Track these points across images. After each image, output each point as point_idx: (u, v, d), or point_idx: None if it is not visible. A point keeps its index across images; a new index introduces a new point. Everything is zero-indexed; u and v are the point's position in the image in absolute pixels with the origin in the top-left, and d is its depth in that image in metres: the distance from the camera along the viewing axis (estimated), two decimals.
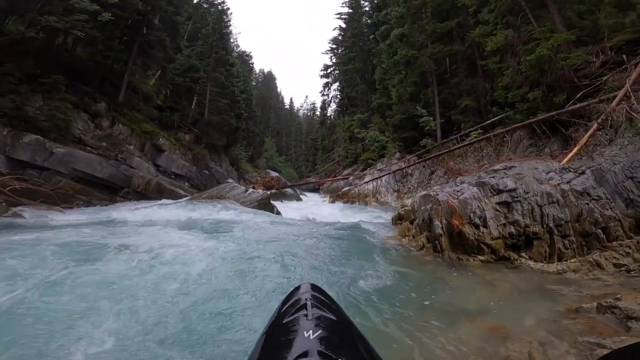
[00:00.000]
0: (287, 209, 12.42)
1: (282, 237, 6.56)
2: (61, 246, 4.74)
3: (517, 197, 4.93)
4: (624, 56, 8.09)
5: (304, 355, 0.52)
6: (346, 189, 19.53)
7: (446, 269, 4.58)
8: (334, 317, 0.71)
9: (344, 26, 37.92)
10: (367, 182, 17.26)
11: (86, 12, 10.49)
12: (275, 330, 0.70)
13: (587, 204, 4.61)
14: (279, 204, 12.76)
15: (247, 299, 3.38)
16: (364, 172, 20.94)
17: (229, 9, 33.86)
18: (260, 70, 68.85)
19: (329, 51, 41.93)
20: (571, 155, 6.72)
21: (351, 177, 22.22)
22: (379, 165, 20.02)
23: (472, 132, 12.45)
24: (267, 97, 63.87)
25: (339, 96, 38.59)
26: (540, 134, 9.19)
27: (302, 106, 78.94)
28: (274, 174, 30.38)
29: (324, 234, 7.16)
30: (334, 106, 43.07)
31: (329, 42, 41.85)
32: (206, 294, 3.44)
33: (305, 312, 0.71)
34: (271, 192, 17.21)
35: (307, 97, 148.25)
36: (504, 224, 4.81)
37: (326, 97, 43.17)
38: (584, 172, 5.05)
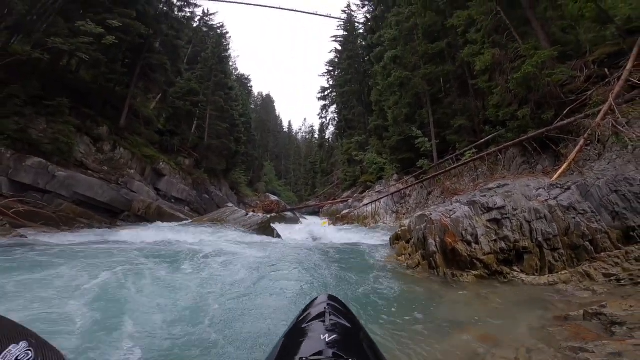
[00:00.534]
0: (288, 232, 12.49)
1: (283, 259, 6.70)
2: (89, 263, 4.94)
3: (506, 214, 5.11)
4: (606, 70, 8.11)
5: (319, 354, 0.59)
6: (346, 211, 19.55)
7: (441, 284, 4.68)
8: (349, 325, 0.78)
9: (339, 48, 38.19)
10: (366, 205, 17.38)
11: (91, 35, 10.62)
12: (293, 333, 0.76)
13: (574, 218, 4.77)
14: (279, 227, 12.82)
15: (263, 313, 3.61)
16: (363, 195, 21.11)
17: (227, 32, 35.34)
18: (259, 93, 69.81)
19: (325, 73, 42.28)
20: (561, 171, 6.79)
21: (350, 200, 22.34)
22: (378, 187, 20.23)
23: (467, 152, 12.62)
24: (266, 120, 64.64)
25: (336, 118, 38.58)
26: (532, 151, 9.23)
27: (301, 129, 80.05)
28: (273, 197, 30.48)
29: (325, 255, 7.28)
30: (332, 129, 43.21)
31: (326, 65, 42.25)
32: (227, 310, 3.68)
33: (322, 319, 0.76)
34: (271, 216, 17.27)
35: (305, 119, 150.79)
36: (495, 240, 4.94)
37: (324, 120, 43.30)
38: (569, 188, 5.25)
